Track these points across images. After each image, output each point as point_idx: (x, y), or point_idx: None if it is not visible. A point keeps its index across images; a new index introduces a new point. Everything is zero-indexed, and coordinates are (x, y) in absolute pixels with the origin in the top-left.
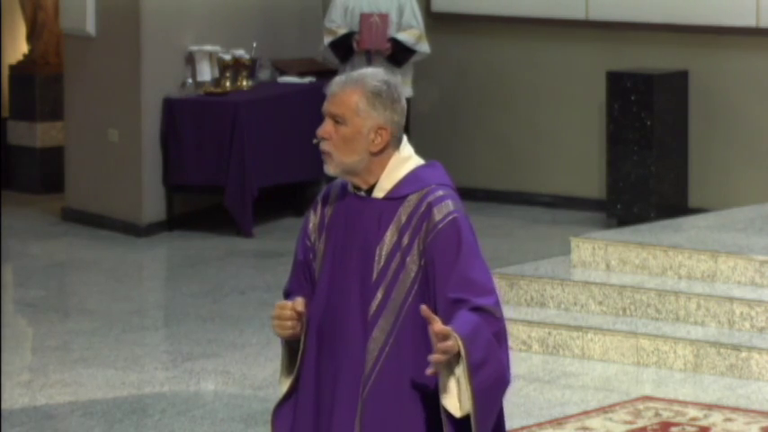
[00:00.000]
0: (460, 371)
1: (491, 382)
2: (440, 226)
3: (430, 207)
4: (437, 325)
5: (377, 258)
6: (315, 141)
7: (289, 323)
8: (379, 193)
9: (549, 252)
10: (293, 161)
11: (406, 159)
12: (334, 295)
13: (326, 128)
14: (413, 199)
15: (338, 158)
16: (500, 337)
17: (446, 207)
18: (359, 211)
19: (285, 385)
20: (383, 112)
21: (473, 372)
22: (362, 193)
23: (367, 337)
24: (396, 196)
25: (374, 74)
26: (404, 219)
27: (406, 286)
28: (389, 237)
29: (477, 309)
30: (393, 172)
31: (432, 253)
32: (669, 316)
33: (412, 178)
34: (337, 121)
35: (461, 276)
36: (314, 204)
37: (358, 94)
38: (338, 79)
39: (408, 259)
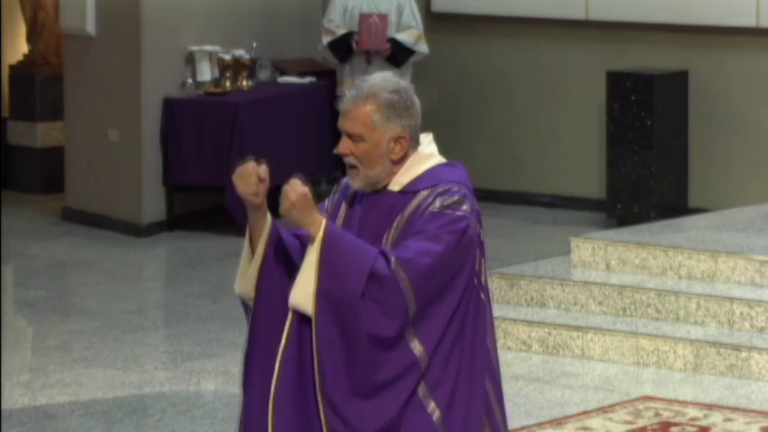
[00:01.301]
0: (312, 253)
1: (337, 293)
2: (435, 208)
3: (435, 197)
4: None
5: (383, 246)
6: (335, 152)
7: (252, 178)
8: (394, 186)
9: (549, 252)
10: (293, 161)
11: (427, 157)
12: None
13: (345, 144)
14: (425, 193)
15: (364, 171)
16: (378, 279)
17: (449, 200)
18: (374, 202)
19: (248, 284)
20: (399, 121)
21: (323, 267)
22: (379, 186)
23: None
24: (410, 190)
25: (384, 83)
26: (413, 210)
27: None
28: (396, 226)
29: (384, 253)
30: (412, 168)
31: (413, 227)
32: (669, 316)
33: (429, 175)
34: (354, 139)
35: (405, 241)
36: (336, 184)
37: (372, 110)
38: (349, 95)
39: None
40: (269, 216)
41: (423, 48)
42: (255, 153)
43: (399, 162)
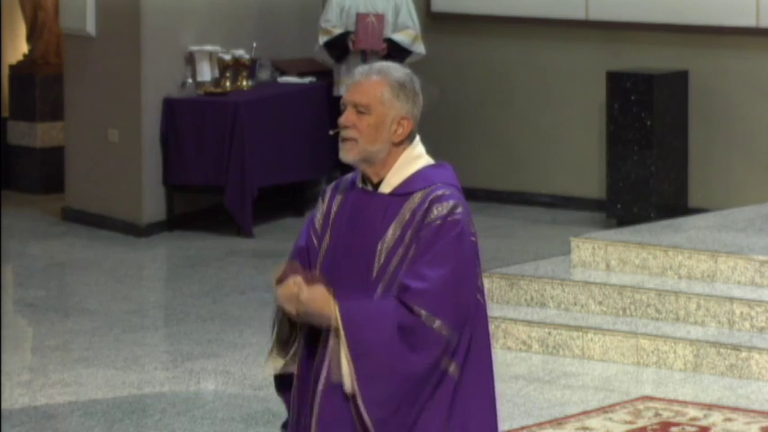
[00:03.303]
0: (341, 344)
1: (376, 370)
2: (436, 222)
3: (431, 204)
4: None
5: (377, 254)
6: (332, 132)
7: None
8: (385, 188)
9: (549, 252)
10: (293, 161)
11: (417, 158)
12: (335, 289)
13: (349, 116)
14: (417, 197)
15: (362, 145)
16: (408, 330)
17: (446, 207)
18: (365, 205)
19: (278, 363)
20: (406, 103)
21: (353, 352)
22: (370, 188)
23: None
24: (402, 193)
25: (396, 66)
26: (407, 216)
27: None
28: (391, 233)
29: (400, 299)
30: (402, 168)
31: (417, 245)
32: (669, 316)
33: (419, 176)
34: (360, 110)
35: (417, 269)
36: (322, 194)
37: (383, 84)
38: (361, 68)
39: (408, 256)
40: None
41: (419, 48)
42: (255, 153)
43: (397, 146)
